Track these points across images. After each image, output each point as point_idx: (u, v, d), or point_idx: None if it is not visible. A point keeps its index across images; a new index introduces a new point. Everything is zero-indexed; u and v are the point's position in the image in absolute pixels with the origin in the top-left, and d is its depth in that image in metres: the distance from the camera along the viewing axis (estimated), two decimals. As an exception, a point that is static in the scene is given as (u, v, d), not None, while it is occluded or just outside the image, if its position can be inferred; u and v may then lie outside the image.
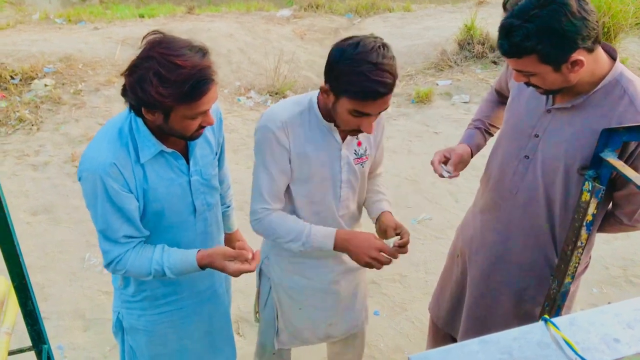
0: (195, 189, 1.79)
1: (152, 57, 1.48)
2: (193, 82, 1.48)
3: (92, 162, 1.60)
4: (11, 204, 4.05)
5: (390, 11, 8.60)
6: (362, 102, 1.65)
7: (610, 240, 3.95)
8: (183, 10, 8.43)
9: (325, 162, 1.88)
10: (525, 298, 2.05)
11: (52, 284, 3.43)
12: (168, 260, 1.72)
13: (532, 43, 1.55)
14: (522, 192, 1.92)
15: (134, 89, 1.50)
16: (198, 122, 1.59)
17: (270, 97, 6.14)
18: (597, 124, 1.69)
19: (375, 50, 1.62)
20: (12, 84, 5.46)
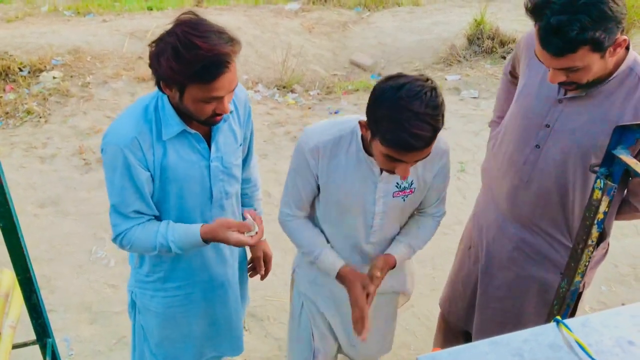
0: (214, 175, 1.80)
1: (175, 33, 1.52)
2: (205, 63, 1.50)
3: (115, 135, 1.65)
4: (18, 196, 4.06)
5: (399, 5, 8.54)
6: (394, 150, 1.52)
7: (620, 237, 3.91)
8: (191, 3, 8.41)
9: (358, 192, 1.77)
10: (549, 286, 2.04)
11: (59, 277, 3.44)
12: (172, 234, 1.74)
13: (589, 33, 1.50)
14: (534, 180, 1.91)
15: (152, 59, 1.55)
16: (212, 107, 1.60)
17: (277, 90, 6.12)
18: (612, 113, 1.69)
19: (419, 97, 1.46)
20: (21, 76, 5.46)
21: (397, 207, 1.83)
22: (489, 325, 2.21)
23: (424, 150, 1.52)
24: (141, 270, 1.94)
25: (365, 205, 1.80)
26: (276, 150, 4.94)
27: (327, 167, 1.76)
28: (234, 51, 1.56)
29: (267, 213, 4.11)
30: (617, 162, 1.60)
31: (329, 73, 6.71)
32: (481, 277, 2.19)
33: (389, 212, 1.83)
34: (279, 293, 3.36)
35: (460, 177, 4.58)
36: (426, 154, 1.56)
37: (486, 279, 2.18)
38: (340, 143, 1.74)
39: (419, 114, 1.45)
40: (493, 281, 2.15)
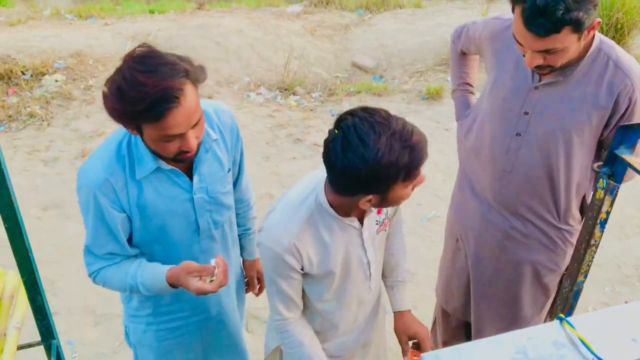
0: (199, 207, 1.71)
1: (121, 70, 1.42)
2: (150, 102, 1.37)
3: (86, 177, 1.58)
4: (22, 199, 4.06)
5: (400, 7, 8.54)
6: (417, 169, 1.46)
7: (623, 238, 3.91)
8: (193, 6, 8.42)
9: (350, 255, 1.68)
10: (542, 268, 2.09)
11: (63, 279, 3.44)
12: (142, 275, 1.66)
13: (573, 13, 1.55)
14: (518, 169, 1.95)
15: (102, 100, 1.45)
16: (175, 145, 1.48)
17: (280, 92, 6.13)
18: (588, 92, 1.78)
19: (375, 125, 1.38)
20: (23, 79, 5.48)
21: (382, 241, 1.80)
22: (487, 315, 2.24)
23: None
24: (131, 305, 1.87)
25: (359, 260, 1.72)
26: (278, 153, 4.95)
27: (311, 250, 1.60)
28: (188, 82, 1.43)
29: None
30: (619, 162, 1.60)
31: (331, 75, 6.72)
32: (472, 270, 2.22)
33: (377, 253, 1.78)
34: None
35: (463, 178, 4.59)
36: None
37: (478, 271, 2.21)
38: (312, 224, 1.58)
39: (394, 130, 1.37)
40: (485, 272, 2.19)
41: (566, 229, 2.02)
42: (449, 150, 4.98)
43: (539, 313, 2.20)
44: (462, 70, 2.32)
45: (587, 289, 3.33)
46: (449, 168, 4.65)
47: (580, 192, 1.97)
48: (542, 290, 2.14)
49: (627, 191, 3.52)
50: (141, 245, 1.73)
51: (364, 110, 1.41)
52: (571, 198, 1.97)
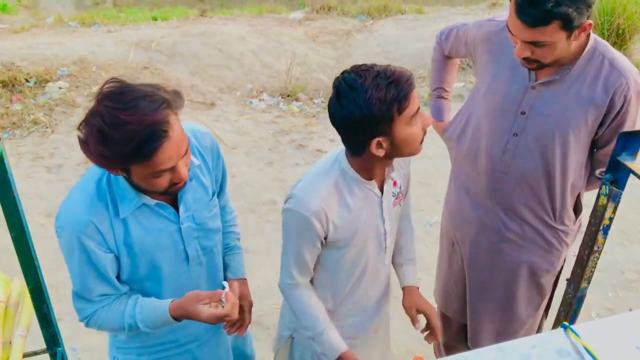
0: (186, 236, 1.64)
1: (98, 112, 1.32)
2: (139, 140, 1.29)
3: (68, 219, 1.50)
4: (26, 206, 4.06)
5: (402, 13, 8.57)
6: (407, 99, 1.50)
7: (626, 244, 3.91)
8: (196, 14, 8.46)
9: (369, 222, 1.75)
10: (537, 269, 2.11)
11: (66, 286, 3.42)
12: (141, 312, 1.59)
13: (563, 8, 1.59)
14: (514, 169, 1.96)
15: (81, 147, 1.36)
16: (166, 179, 1.42)
17: (282, 99, 6.14)
18: (583, 92, 1.81)
19: (358, 73, 1.50)
20: (27, 86, 5.50)
21: (398, 214, 1.87)
22: (484, 316, 2.24)
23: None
24: (119, 338, 1.80)
25: (377, 229, 1.78)
26: (281, 159, 4.96)
27: (337, 214, 1.67)
28: (171, 112, 1.36)
29: (274, 221, 4.14)
30: (622, 168, 1.61)
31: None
32: (468, 273, 2.24)
33: (393, 225, 1.85)
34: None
35: (465, 184, 4.59)
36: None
37: (474, 274, 2.22)
38: (337, 189, 1.67)
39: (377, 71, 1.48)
40: (481, 274, 2.20)
41: (561, 229, 2.04)
42: (451, 156, 4.98)
43: (534, 313, 2.21)
44: (442, 74, 2.36)
45: (591, 295, 3.32)
46: (452, 174, 4.65)
47: (575, 191, 1.99)
48: (537, 290, 2.16)
49: (630, 197, 3.51)
50: (130, 282, 1.65)
51: (351, 67, 1.52)
52: (566, 197, 1.98)
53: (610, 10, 6.02)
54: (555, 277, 2.17)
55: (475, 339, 2.29)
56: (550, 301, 2.27)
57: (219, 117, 5.57)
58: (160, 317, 1.59)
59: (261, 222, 4.06)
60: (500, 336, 2.23)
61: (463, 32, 2.15)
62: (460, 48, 2.19)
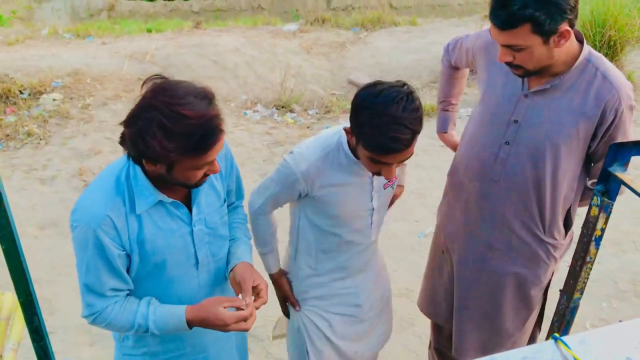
0: (198, 239, 1.66)
1: (155, 106, 1.37)
2: (201, 134, 1.38)
3: (85, 213, 1.51)
4: (19, 218, 4.06)
5: (396, 25, 8.62)
6: (376, 154, 1.60)
7: (619, 254, 3.92)
8: (190, 25, 8.48)
9: (356, 197, 1.87)
10: (524, 281, 2.09)
11: (59, 299, 3.43)
12: (154, 313, 1.58)
13: (529, 10, 1.62)
14: (505, 178, 1.97)
15: (135, 141, 1.40)
16: (203, 171, 1.50)
17: (276, 110, 6.15)
18: (575, 103, 1.81)
19: (396, 102, 1.54)
20: (21, 98, 5.50)
21: (388, 196, 1.98)
22: (468, 326, 2.24)
23: (405, 152, 1.60)
24: (126, 344, 1.78)
25: (364, 205, 1.89)
26: (275, 170, 4.96)
27: (321, 184, 1.81)
28: (218, 109, 1.44)
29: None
30: (613, 179, 1.62)
31: (328, 92, 6.76)
32: (455, 280, 2.23)
33: (382, 205, 1.95)
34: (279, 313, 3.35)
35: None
36: (409, 155, 1.63)
37: (460, 282, 2.21)
38: (328, 158, 1.80)
39: (396, 117, 1.53)
40: (467, 282, 2.19)
41: (551, 242, 2.03)
42: (445, 166, 4.98)
43: (521, 326, 2.19)
44: (449, 86, 2.40)
45: (584, 305, 3.33)
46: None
47: (566, 204, 1.99)
48: (524, 303, 2.14)
49: (622, 207, 3.53)
50: (134, 281, 1.64)
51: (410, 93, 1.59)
52: (557, 210, 1.98)
53: (601, 22, 6.08)
54: (544, 291, 2.15)
55: (459, 348, 2.28)
56: (542, 313, 2.26)
57: (214, 129, 5.56)
58: (174, 320, 1.58)
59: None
60: (485, 348, 2.22)
61: (465, 42, 2.20)
62: (463, 58, 2.23)
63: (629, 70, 6.36)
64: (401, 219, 4.27)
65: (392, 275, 3.82)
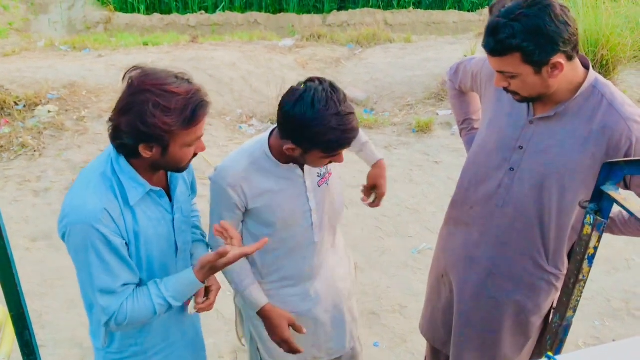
0: (177, 227, 1.76)
1: (145, 90, 1.48)
2: (192, 107, 1.50)
3: (80, 213, 1.52)
4: (11, 230, 4.04)
5: (391, 42, 8.68)
6: (338, 150, 1.71)
7: (612, 272, 3.93)
8: (187, 39, 8.52)
9: (291, 200, 1.90)
10: (523, 309, 2.07)
11: (50, 312, 3.40)
12: (167, 288, 1.64)
13: (517, 41, 1.63)
14: (509, 204, 1.95)
15: (135, 125, 1.48)
16: (194, 149, 1.60)
17: (272, 124, 6.16)
18: (580, 130, 1.79)
19: (332, 100, 1.64)
20: (16, 110, 5.49)
21: (326, 194, 1.98)
22: (466, 353, 2.22)
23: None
24: (111, 349, 1.79)
25: (301, 207, 1.92)
26: (270, 184, 4.96)
27: (253, 191, 1.85)
28: (199, 84, 1.58)
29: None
30: (605, 198, 1.63)
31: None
32: (455, 306, 2.21)
33: (320, 203, 1.96)
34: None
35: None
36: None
37: (459, 307, 2.19)
38: (255, 166, 1.85)
39: (341, 112, 1.64)
40: (465, 308, 2.17)
41: (553, 272, 1.99)
42: (438, 182, 5.02)
43: (518, 353, 2.16)
44: (463, 106, 2.35)
45: (577, 323, 3.33)
46: (439, 200, 4.67)
47: (573, 236, 1.94)
48: (522, 330, 2.11)
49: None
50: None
51: (330, 85, 1.68)
52: (562, 240, 1.95)
53: (594, 42, 6.15)
54: (542, 319, 2.12)
55: None
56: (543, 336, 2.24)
57: (208, 142, 5.58)
58: (188, 284, 1.64)
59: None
60: None
61: (471, 66, 2.17)
62: (468, 82, 2.20)
63: (621, 88, 6.41)
64: (394, 235, 4.27)
65: (385, 291, 3.82)
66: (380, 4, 13.06)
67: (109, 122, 1.56)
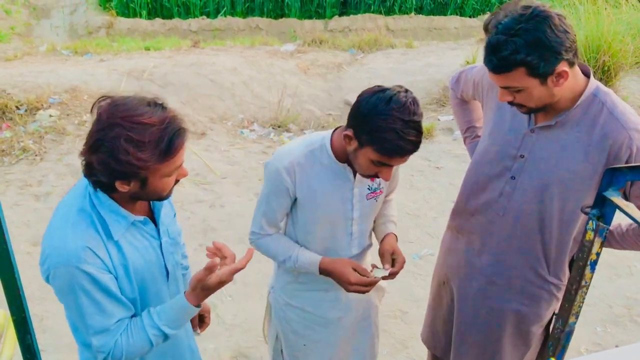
0: (165, 251, 1.68)
1: (115, 124, 1.36)
2: (168, 137, 1.39)
3: (61, 253, 1.43)
4: (12, 234, 4.02)
5: (392, 47, 8.70)
6: (388, 157, 1.68)
7: (614, 278, 3.92)
8: (188, 44, 8.54)
9: (336, 201, 1.88)
10: (524, 318, 2.06)
11: (51, 316, 3.40)
12: (159, 318, 1.57)
13: (521, 56, 1.61)
14: (510, 213, 1.95)
15: (107, 163, 1.37)
16: (174, 177, 1.51)
17: (273, 130, 6.17)
18: (581, 138, 1.79)
19: (407, 107, 1.63)
20: (18, 114, 5.50)
21: (371, 209, 1.97)
22: (466, 359, 2.21)
23: (412, 153, 1.70)
24: None
25: (344, 213, 1.91)
26: (271, 189, 4.95)
27: (304, 181, 1.85)
28: (174, 110, 1.47)
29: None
30: (608, 204, 1.63)
31: (324, 113, 6.79)
32: (456, 314, 2.21)
33: (364, 216, 1.95)
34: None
35: (454, 216, 4.60)
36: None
37: (460, 316, 2.19)
38: (312, 157, 1.85)
39: (410, 122, 1.63)
40: (466, 317, 2.16)
41: (554, 282, 1.98)
42: (439, 188, 5.02)
43: None
44: (466, 114, 2.35)
45: (579, 329, 3.32)
46: (440, 205, 4.67)
47: (576, 245, 1.93)
48: (523, 340, 2.10)
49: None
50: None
51: (414, 97, 1.69)
52: (564, 251, 1.94)
53: (595, 48, 6.16)
54: (544, 327, 2.11)
55: None
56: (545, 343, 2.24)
57: (209, 147, 5.58)
58: (179, 310, 1.56)
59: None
60: None
61: (473, 74, 2.17)
62: (469, 90, 2.20)
63: (622, 95, 6.42)
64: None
65: (386, 296, 3.79)
66: (381, 10, 13.10)
67: (80, 157, 1.44)
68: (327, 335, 2.09)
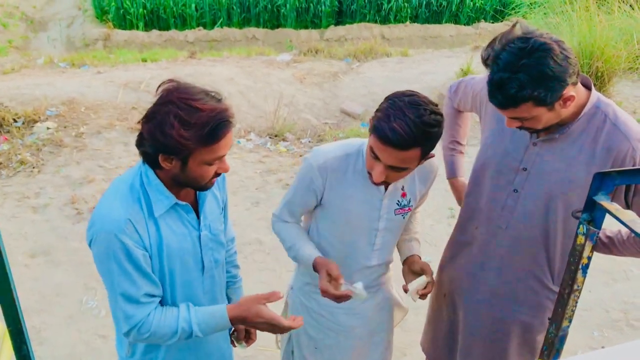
0: (204, 244, 1.74)
1: (171, 101, 1.50)
2: (213, 125, 1.49)
3: (105, 222, 1.55)
4: (10, 246, 4.04)
5: (388, 56, 8.74)
6: (375, 140, 1.67)
7: (610, 283, 3.93)
8: (185, 55, 8.58)
9: (364, 208, 1.87)
10: (529, 328, 2.05)
11: (49, 328, 3.40)
12: (196, 316, 1.65)
13: (527, 92, 1.60)
14: (513, 226, 1.94)
15: (154, 134, 1.50)
16: (214, 168, 1.59)
17: (270, 139, 6.20)
18: (584, 151, 1.79)
19: (417, 106, 1.63)
20: (15, 127, 5.52)
21: (398, 224, 1.95)
22: None
23: (399, 152, 1.64)
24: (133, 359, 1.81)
25: (369, 222, 1.89)
26: (268, 198, 4.97)
27: (334, 183, 1.85)
28: (228, 105, 1.56)
29: (260, 261, 4.12)
30: (598, 208, 1.64)
31: (320, 121, 6.82)
32: (461, 326, 2.19)
33: (389, 229, 1.93)
34: (271, 344, 3.33)
35: (451, 222, 4.61)
36: (401, 163, 1.68)
37: (466, 327, 2.17)
38: (347, 160, 1.85)
39: (407, 116, 1.60)
40: (473, 328, 2.15)
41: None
42: (437, 195, 5.02)
43: None
44: (454, 127, 2.34)
45: (576, 334, 3.33)
46: (437, 213, 4.68)
47: None
48: (528, 349, 2.10)
49: (612, 235, 3.55)
50: None
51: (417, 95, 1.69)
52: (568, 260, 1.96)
53: (589, 54, 6.20)
54: None
55: None
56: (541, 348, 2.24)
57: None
58: (217, 321, 1.65)
59: (247, 263, 4.05)
60: None
61: (471, 86, 2.16)
62: (468, 101, 2.19)
63: (616, 100, 6.46)
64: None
65: (385, 304, 3.81)
66: (377, 19, 13.17)
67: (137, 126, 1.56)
68: (340, 341, 2.09)
